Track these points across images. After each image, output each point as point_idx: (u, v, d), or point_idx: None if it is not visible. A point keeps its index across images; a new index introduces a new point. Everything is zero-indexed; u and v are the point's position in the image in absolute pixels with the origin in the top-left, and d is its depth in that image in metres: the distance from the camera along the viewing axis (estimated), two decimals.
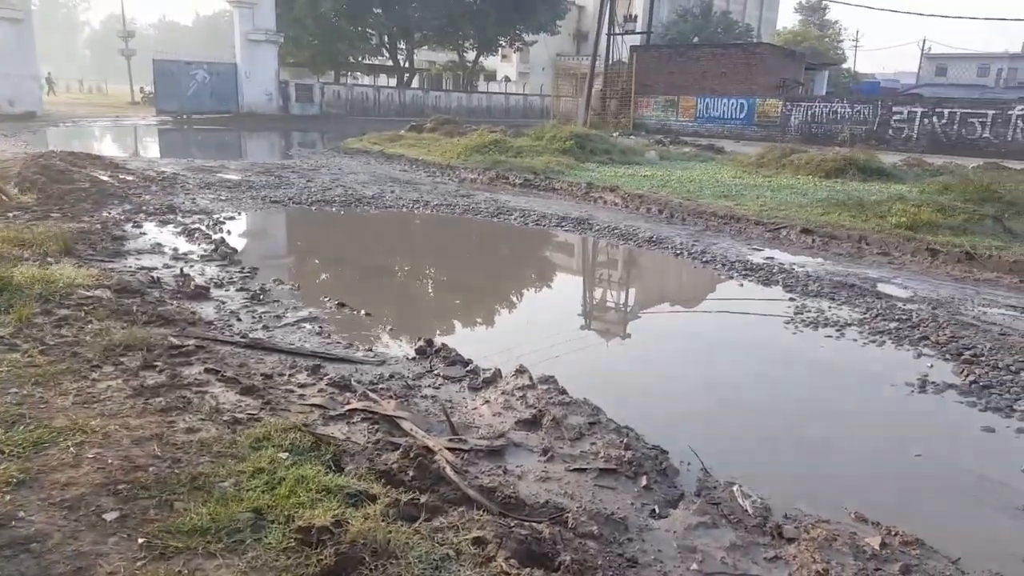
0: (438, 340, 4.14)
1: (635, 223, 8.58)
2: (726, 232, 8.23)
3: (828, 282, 6.01)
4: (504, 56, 48.53)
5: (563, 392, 3.42)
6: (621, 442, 2.92)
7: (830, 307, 5.35)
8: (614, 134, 20.48)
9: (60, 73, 55.00)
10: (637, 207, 9.71)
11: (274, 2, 28.35)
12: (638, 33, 29.95)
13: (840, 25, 62.75)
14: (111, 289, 4.42)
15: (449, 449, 2.77)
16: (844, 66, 51.57)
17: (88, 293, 4.24)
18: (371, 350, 4.11)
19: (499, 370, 3.68)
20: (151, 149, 17.23)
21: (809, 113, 23.24)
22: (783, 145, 16.93)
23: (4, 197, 7.07)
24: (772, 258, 6.92)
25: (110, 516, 2.13)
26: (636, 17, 30.78)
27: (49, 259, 4.98)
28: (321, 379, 3.47)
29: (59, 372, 3.11)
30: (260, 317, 4.48)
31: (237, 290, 5.03)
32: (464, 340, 4.39)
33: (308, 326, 4.41)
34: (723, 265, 6.58)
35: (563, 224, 8.44)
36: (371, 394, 3.32)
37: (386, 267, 6.94)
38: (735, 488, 2.66)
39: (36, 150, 12.15)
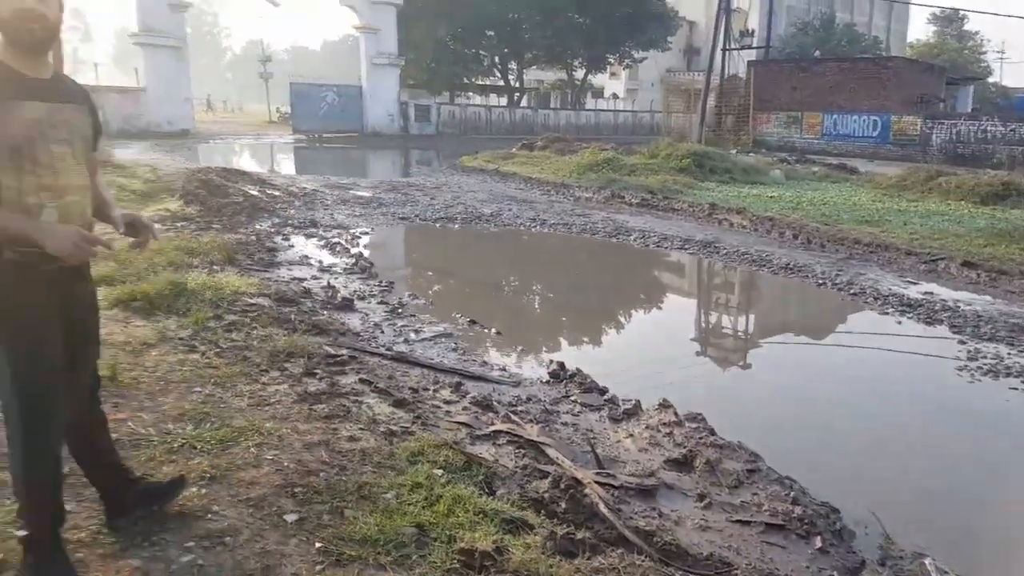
0: (570, 364, 4.09)
1: (767, 248, 8.11)
2: (873, 262, 7.56)
3: (1004, 324, 5.33)
4: (612, 73, 48.19)
5: (713, 432, 3.23)
6: (787, 495, 2.70)
7: (1010, 354, 4.72)
8: (733, 151, 19.72)
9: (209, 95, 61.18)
10: (768, 231, 9.17)
11: (396, 27, 29.93)
12: (755, 48, 28.83)
13: (981, 36, 56.33)
14: (270, 297, 4.76)
15: (598, 483, 2.69)
16: (990, 80, 46.74)
17: (251, 300, 4.59)
18: (505, 370, 4.14)
19: (639, 402, 3.57)
20: (290, 166, 18.63)
21: (954, 131, 21.24)
22: (926, 167, 15.50)
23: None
24: (931, 293, 6.25)
25: (290, 518, 2.25)
26: (753, 31, 29.67)
27: (215, 267, 5.46)
28: (464, 396, 3.53)
29: (234, 375, 3.35)
30: (400, 331, 4.64)
31: (378, 303, 5.26)
32: (595, 365, 4.28)
33: (444, 342, 4.52)
34: (874, 299, 6.02)
35: (687, 247, 8.15)
36: (513, 416, 3.32)
37: (509, 285, 7.02)
38: (927, 562, 2.38)
39: (193, 165, 13.49)
